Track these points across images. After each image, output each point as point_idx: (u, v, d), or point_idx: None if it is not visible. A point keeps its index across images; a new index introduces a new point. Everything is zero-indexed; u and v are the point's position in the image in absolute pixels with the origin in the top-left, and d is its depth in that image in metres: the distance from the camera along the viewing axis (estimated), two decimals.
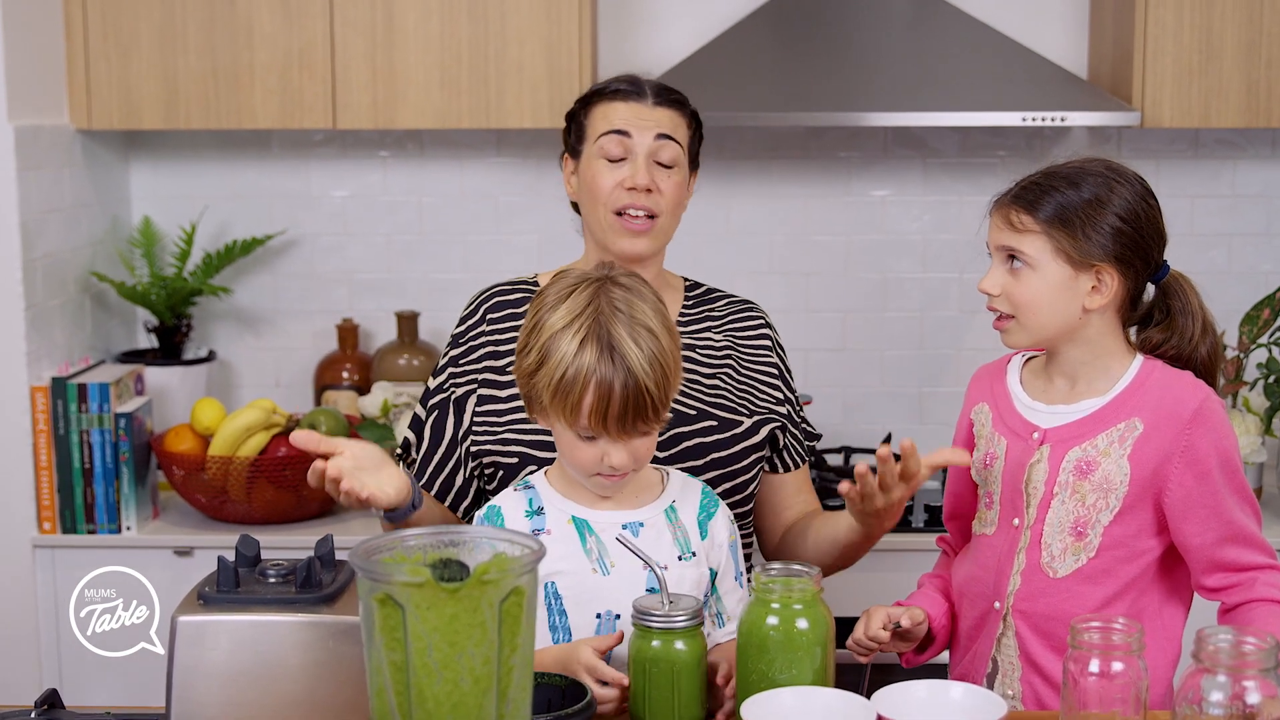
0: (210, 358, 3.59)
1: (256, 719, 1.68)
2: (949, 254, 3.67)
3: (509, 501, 2.00)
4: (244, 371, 3.73)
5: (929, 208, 3.66)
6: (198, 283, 3.51)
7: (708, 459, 2.23)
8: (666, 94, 2.30)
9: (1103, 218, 1.96)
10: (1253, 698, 1.55)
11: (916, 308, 3.69)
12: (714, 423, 2.25)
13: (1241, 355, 3.31)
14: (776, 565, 1.84)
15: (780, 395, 2.36)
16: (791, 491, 2.38)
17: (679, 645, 1.81)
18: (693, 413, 2.25)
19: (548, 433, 2.02)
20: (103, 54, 3.29)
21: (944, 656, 2.20)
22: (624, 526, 1.97)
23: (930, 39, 3.41)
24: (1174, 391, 1.98)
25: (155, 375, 3.44)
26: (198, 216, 3.61)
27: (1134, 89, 3.27)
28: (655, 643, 1.81)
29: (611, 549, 1.96)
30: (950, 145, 3.64)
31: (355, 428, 3.22)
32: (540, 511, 1.98)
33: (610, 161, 2.25)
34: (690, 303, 2.40)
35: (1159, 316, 2.05)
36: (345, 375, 3.58)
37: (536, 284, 2.38)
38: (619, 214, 2.24)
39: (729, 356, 2.34)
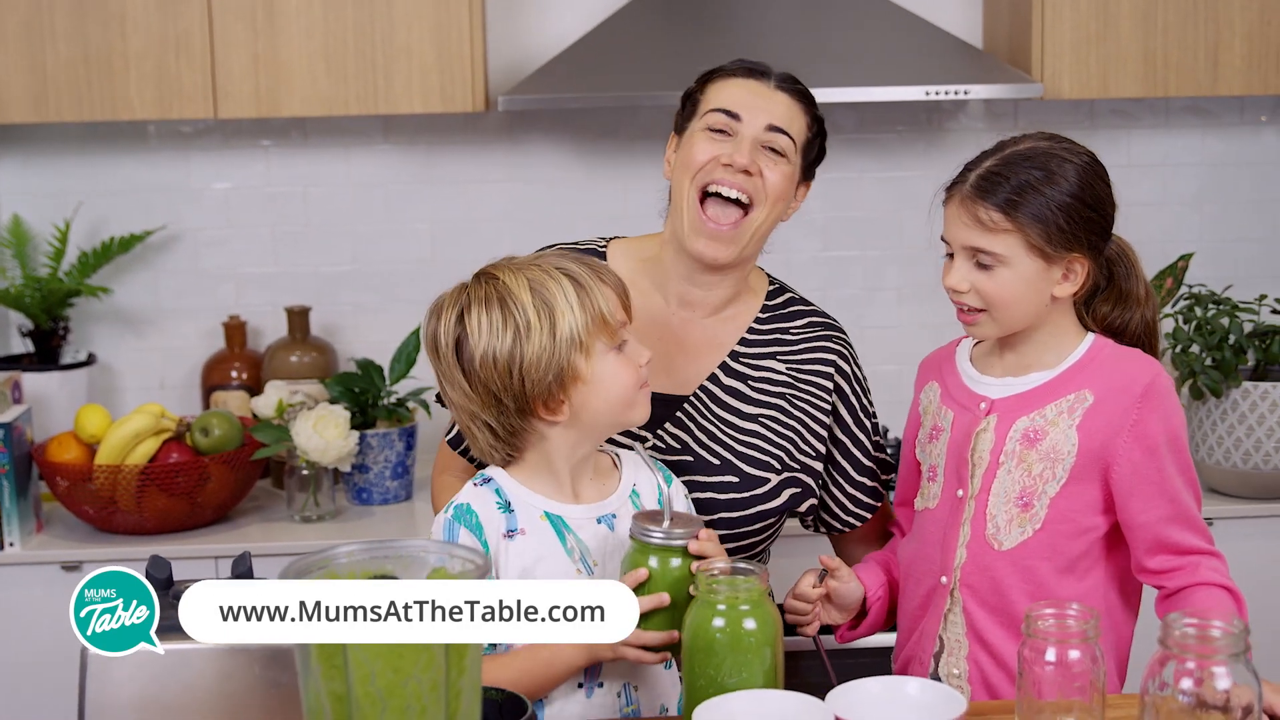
0: (90, 361, 3.42)
1: None
2: (850, 232, 3.62)
3: (477, 498, 1.86)
4: (127, 374, 3.57)
5: (829, 185, 3.60)
6: (74, 283, 3.35)
7: (715, 515, 2.07)
8: (791, 81, 2.12)
9: (1073, 207, 1.91)
10: (1222, 683, 1.51)
11: (817, 286, 3.63)
12: (735, 478, 2.08)
13: None
14: (720, 564, 1.77)
15: (821, 449, 2.15)
16: (857, 550, 2.24)
17: (675, 563, 1.78)
18: (717, 462, 2.09)
19: None
20: None
21: (889, 639, 2.15)
22: (598, 521, 1.87)
23: (822, 12, 3.35)
24: (1125, 367, 1.96)
25: (33, 382, 3.27)
26: (72, 213, 3.45)
27: (1033, 60, 3.24)
28: (653, 560, 1.78)
29: (594, 548, 1.86)
30: (847, 121, 3.59)
31: (249, 430, 3.09)
32: (509, 508, 1.85)
33: (712, 134, 2.06)
34: (765, 315, 2.18)
35: (1103, 284, 2.01)
36: (234, 375, 3.44)
37: (604, 253, 2.19)
38: (705, 198, 2.04)
39: (783, 395, 2.14)
